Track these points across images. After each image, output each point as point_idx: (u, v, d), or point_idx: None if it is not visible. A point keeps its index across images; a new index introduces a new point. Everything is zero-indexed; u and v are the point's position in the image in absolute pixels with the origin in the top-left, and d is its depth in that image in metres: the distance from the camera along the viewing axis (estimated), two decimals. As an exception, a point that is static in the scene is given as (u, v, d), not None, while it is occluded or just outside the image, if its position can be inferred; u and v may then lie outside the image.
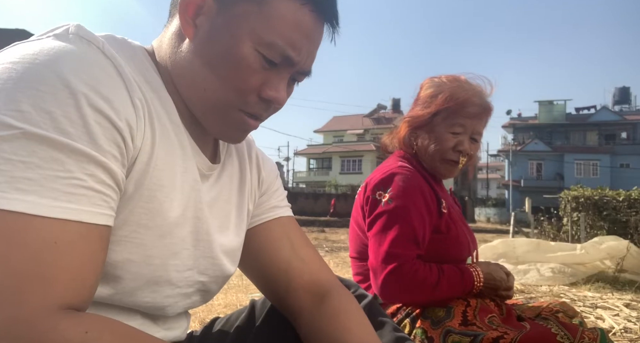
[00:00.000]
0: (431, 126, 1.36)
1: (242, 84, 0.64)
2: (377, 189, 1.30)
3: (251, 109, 0.67)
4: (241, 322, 0.86)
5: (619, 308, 3.02)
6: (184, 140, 0.67)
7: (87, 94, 0.52)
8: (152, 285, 0.64)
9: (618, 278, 4.19)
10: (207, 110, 0.67)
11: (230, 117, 0.67)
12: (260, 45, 0.62)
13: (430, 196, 1.30)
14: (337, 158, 42.55)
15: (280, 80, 0.66)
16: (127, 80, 0.57)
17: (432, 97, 1.36)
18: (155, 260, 0.62)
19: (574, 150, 37.82)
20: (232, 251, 0.77)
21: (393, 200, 1.25)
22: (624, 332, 2.46)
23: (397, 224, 1.23)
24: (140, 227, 0.60)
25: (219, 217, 0.74)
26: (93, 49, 0.56)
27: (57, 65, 0.52)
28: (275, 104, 0.67)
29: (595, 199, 8.73)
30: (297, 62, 0.65)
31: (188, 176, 0.66)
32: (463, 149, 1.35)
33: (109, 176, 0.54)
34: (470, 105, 1.32)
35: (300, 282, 0.79)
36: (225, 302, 3.07)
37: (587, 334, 1.08)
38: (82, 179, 0.51)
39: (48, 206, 0.48)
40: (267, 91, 0.65)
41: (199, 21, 0.64)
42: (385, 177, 1.30)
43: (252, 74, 0.64)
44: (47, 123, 0.49)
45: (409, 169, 1.32)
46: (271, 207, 0.85)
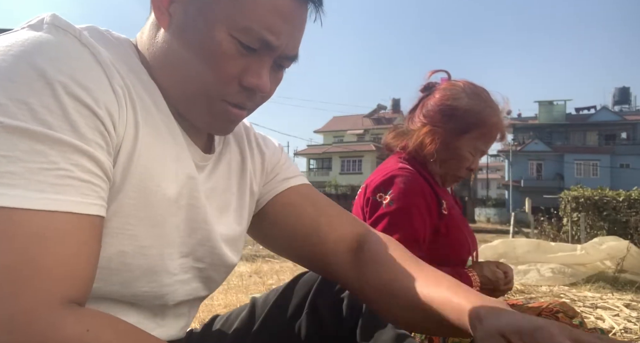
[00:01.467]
0: (456, 142, 1.34)
1: (219, 72, 0.62)
2: (377, 191, 1.29)
3: (233, 98, 0.65)
4: (242, 320, 0.86)
5: (619, 308, 3.02)
6: (175, 129, 0.66)
7: (63, 83, 0.51)
8: (149, 274, 0.63)
9: (618, 278, 4.19)
10: (189, 101, 0.65)
11: (212, 108, 0.65)
12: (235, 30, 0.60)
13: (430, 197, 1.30)
14: (337, 158, 42.54)
15: (261, 66, 0.64)
16: (106, 67, 0.56)
17: (464, 112, 1.32)
18: (150, 250, 0.62)
19: (574, 150, 37.80)
20: (232, 240, 0.76)
21: (394, 202, 1.25)
22: (624, 332, 2.46)
23: (398, 226, 1.22)
24: (130, 217, 0.59)
25: (217, 207, 0.73)
26: (69, 37, 0.55)
27: (31, 56, 0.51)
28: (259, 91, 0.65)
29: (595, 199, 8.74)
30: (277, 46, 0.62)
31: (182, 164, 0.65)
32: (474, 168, 1.38)
33: (95, 165, 0.52)
34: (496, 130, 1.35)
35: (335, 238, 0.79)
36: (225, 302, 3.07)
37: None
38: (68, 169, 0.50)
39: (35, 199, 0.47)
40: (247, 78, 0.63)
41: (173, 9, 0.62)
42: (386, 179, 1.30)
43: (229, 61, 0.61)
44: (26, 114, 0.48)
45: (409, 171, 1.32)
46: (282, 179, 0.84)
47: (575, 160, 37.10)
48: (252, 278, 4.08)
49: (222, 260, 0.74)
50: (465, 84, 1.38)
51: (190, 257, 0.69)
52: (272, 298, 0.85)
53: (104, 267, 0.57)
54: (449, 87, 1.39)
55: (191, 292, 0.72)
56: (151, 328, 0.67)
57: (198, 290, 0.73)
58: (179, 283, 0.68)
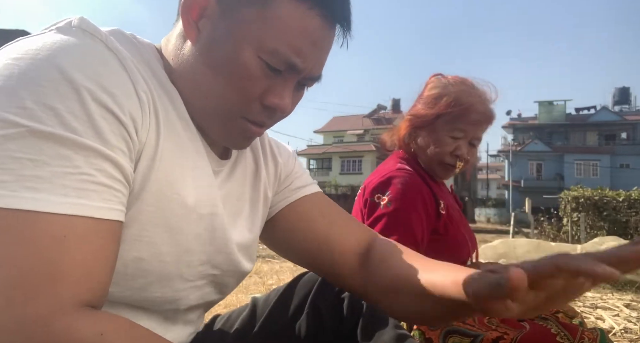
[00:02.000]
0: (432, 128, 1.36)
1: (243, 92, 0.62)
2: (375, 192, 1.30)
3: (254, 116, 0.65)
4: (242, 320, 0.86)
5: (619, 308, 3.02)
6: (194, 136, 0.66)
7: (90, 89, 0.51)
8: (163, 280, 0.63)
9: (618, 278, 4.17)
10: (208, 115, 0.65)
11: (232, 125, 0.66)
12: (262, 52, 0.60)
13: (428, 197, 1.30)
14: (337, 158, 42.52)
15: (284, 87, 0.64)
16: (132, 73, 0.56)
17: (436, 99, 1.35)
18: (167, 257, 0.62)
19: (574, 150, 37.79)
20: (245, 247, 0.76)
21: (392, 203, 1.25)
22: (624, 332, 2.46)
23: (396, 227, 1.22)
24: (148, 225, 0.59)
25: (231, 214, 0.74)
26: (96, 41, 0.55)
27: (59, 60, 0.51)
28: (279, 111, 0.65)
29: (595, 199, 8.74)
30: (302, 69, 0.63)
31: (201, 172, 0.65)
32: (461, 154, 1.36)
33: (117, 171, 0.53)
34: (474, 112, 1.33)
35: (343, 247, 0.80)
36: (225, 302, 3.07)
37: (587, 334, 1.08)
38: (91, 174, 0.50)
39: (58, 203, 0.47)
40: (270, 99, 0.63)
41: (202, 24, 0.62)
42: (384, 180, 1.30)
43: (254, 81, 0.62)
44: (52, 119, 0.49)
45: (407, 171, 1.32)
46: (295, 188, 0.85)
47: (575, 160, 37.09)
48: (252, 278, 4.08)
49: (236, 266, 0.74)
50: (448, 77, 1.41)
51: (208, 264, 0.69)
52: (272, 298, 0.85)
53: (119, 273, 0.57)
54: (431, 80, 1.43)
55: (203, 297, 0.72)
56: (160, 333, 0.67)
57: (210, 295, 0.74)
58: (192, 288, 0.69)
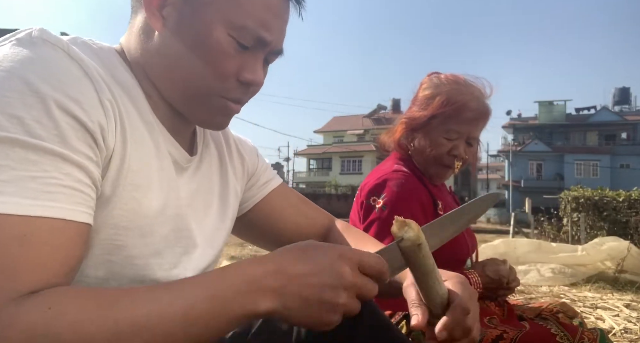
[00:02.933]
0: (427, 129, 1.34)
1: (219, 71, 0.64)
2: (371, 195, 1.29)
3: (232, 94, 0.67)
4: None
5: (619, 308, 3.02)
6: (158, 138, 0.67)
7: (55, 98, 0.52)
8: (136, 283, 0.63)
9: (618, 278, 4.19)
10: (188, 100, 0.67)
11: (212, 104, 0.68)
12: (232, 29, 0.63)
13: (425, 199, 1.29)
14: (337, 158, 42.54)
15: (255, 62, 0.67)
16: (96, 81, 0.57)
17: (429, 99, 1.34)
18: (136, 260, 0.63)
19: (574, 150, 37.80)
20: (214, 239, 0.78)
21: (387, 207, 1.24)
22: (624, 333, 2.46)
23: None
24: (119, 228, 0.60)
25: (201, 208, 0.75)
26: (58, 51, 0.56)
27: (22, 71, 0.52)
28: (254, 85, 0.68)
29: (596, 200, 8.74)
30: (270, 41, 0.66)
31: (164, 174, 0.67)
32: (458, 154, 1.34)
33: (85, 175, 0.54)
34: (467, 111, 1.30)
35: (311, 232, 0.92)
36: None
37: (587, 335, 1.08)
38: (58, 178, 0.51)
39: (24, 204, 0.48)
40: (244, 75, 0.66)
41: (166, 12, 0.64)
42: (379, 183, 1.30)
43: (228, 59, 0.64)
44: (17, 127, 0.50)
45: (404, 173, 1.31)
46: (263, 183, 0.92)
47: (575, 161, 37.09)
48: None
49: (206, 262, 0.75)
50: (440, 75, 1.39)
51: (181, 266, 0.70)
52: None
53: (91, 276, 0.58)
54: (425, 81, 1.41)
55: None
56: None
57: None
58: None
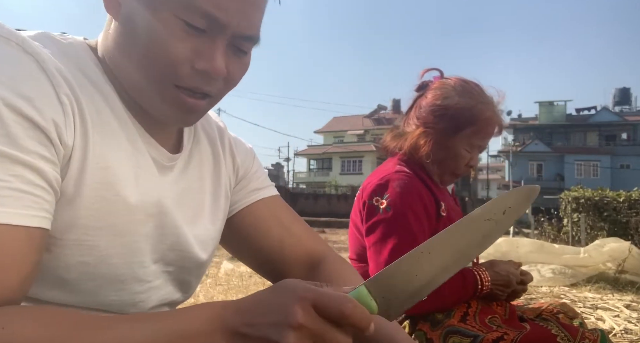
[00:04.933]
0: (450, 141, 1.33)
1: (167, 55, 0.58)
2: (374, 195, 1.28)
3: (186, 82, 0.60)
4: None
5: (619, 309, 3.02)
6: (133, 134, 0.64)
7: (3, 95, 0.50)
8: (116, 283, 0.63)
9: (618, 279, 4.18)
10: (143, 91, 0.62)
11: (166, 95, 0.61)
12: (178, 9, 0.57)
13: (428, 199, 1.29)
14: (338, 158, 42.56)
15: (213, 48, 0.59)
16: (52, 76, 0.54)
17: (456, 111, 1.31)
18: (114, 259, 0.61)
19: (574, 151, 37.81)
20: (206, 240, 0.76)
21: (391, 208, 1.24)
22: (624, 333, 2.46)
23: (396, 232, 1.21)
24: (89, 229, 0.58)
25: (190, 208, 0.73)
26: (11, 45, 0.53)
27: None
28: (213, 74, 0.60)
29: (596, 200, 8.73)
30: (226, 23, 0.58)
31: (142, 171, 0.64)
32: (473, 164, 1.37)
33: (38, 176, 0.51)
34: (491, 126, 1.33)
35: (295, 256, 0.80)
36: (225, 302, 3.07)
37: (588, 335, 1.08)
38: (7, 181, 0.48)
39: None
40: (199, 62, 0.59)
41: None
42: (382, 183, 1.29)
43: (177, 42, 0.58)
44: None
45: (406, 174, 1.31)
46: (252, 190, 0.84)
47: (576, 161, 37.10)
48: (252, 278, 4.08)
49: (192, 261, 0.73)
50: (456, 82, 1.37)
51: (161, 262, 0.69)
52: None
53: (62, 278, 0.57)
54: (440, 86, 1.37)
55: (165, 296, 0.72)
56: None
57: (172, 294, 0.73)
58: (152, 290, 0.68)
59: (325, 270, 0.77)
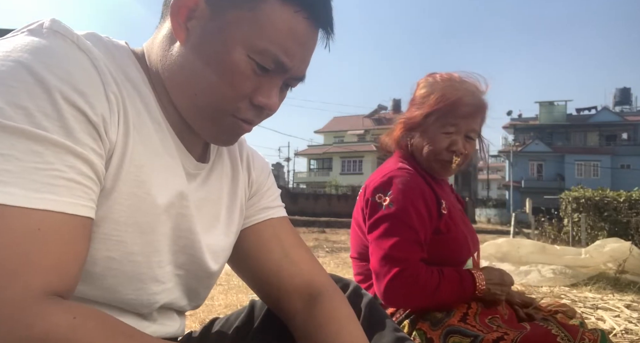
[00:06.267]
0: (425, 127, 1.35)
1: (233, 90, 0.64)
2: (377, 192, 1.29)
3: (243, 114, 0.67)
4: (240, 322, 0.86)
5: (619, 309, 3.02)
6: (167, 138, 0.67)
7: (61, 89, 0.52)
8: (135, 282, 0.64)
9: (619, 279, 4.18)
10: (198, 114, 0.67)
11: (222, 122, 0.67)
12: (252, 51, 0.62)
13: (430, 197, 1.29)
14: (338, 158, 42.55)
15: (272, 86, 0.66)
16: (102, 73, 0.57)
17: (424, 98, 1.36)
18: (137, 257, 0.63)
19: (575, 151, 37.77)
20: (217, 251, 0.76)
21: (394, 204, 1.24)
22: (624, 333, 2.46)
23: (399, 228, 1.22)
24: (119, 224, 0.60)
25: (207, 217, 0.74)
26: (67, 42, 0.56)
27: (29, 61, 0.52)
28: (267, 110, 0.67)
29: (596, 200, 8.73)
30: (289, 68, 0.65)
31: (172, 173, 0.66)
32: (457, 149, 1.33)
33: (89, 168, 0.54)
34: (462, 105, 1.31)
35: (292, 284, 0.79)
36: (225, 302, 3.07)
37: (588, 335, 1.08)
38: (62, 171, 0.51)
39: (29, 197, 0.48)
40: (258, 98, 0.65)
41: (191, 25, 0.63)
42: (385, 180, 1.30)
43: (244, 80, 0.63)
44: (23, 118, 0.49)
45: (408, 171, 1.31)
46: (262, 208, 0.84)
47: (576, 161, 37.07)
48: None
49: (201, 269, 0.74)
50: (434, 75, 1.41)
51: (173, 264, 0.70)
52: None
53: (89, 271, 0.58)
54: (421, 81, 1.43)
55: (174, 301, 0.73)
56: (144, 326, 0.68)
57: (180, 300, 0.74)
58: (166, 292, 0.69)
59: (322, 309, 0.74)
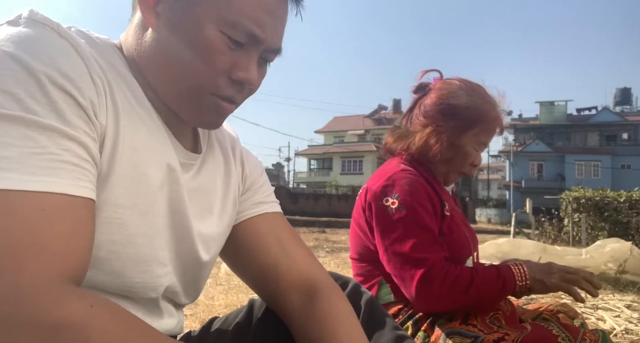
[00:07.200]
0: (460, 140, 1.33)
1: (210, 67, 0.63)
2: (383, 196, 1.26)
3: (223, 91, 0.66)
4: (239, 321, 0.86)
5: (620, 309, 3.01)
6: (156, 124, 0.67)
7: (47, 73, 0.52)
8: (140, 264, 0.64)
9: (619, 279, 4.18)
10: (180, 97, 0.67)
11: (203, 102, 0.67)
12: (223, 26, 0.62)
13: (434, 198, 1.29)
14: (338, 158, 42.55)
15: (249, 60, 0.66)
16: (86, 59, 0.57)
17: (465, 110, 1.32)
18: (138, 238, 0.63)
19: (575, 151, 37.77)
20: (209, 240, 0.76)
21: (404, 207, 1.22)
22: (625, 333, 2.45)
23: (414, 229, 1.20)
24: (119, 207, 0.60)
25: (199, 207, 0.74)
26: (47, 30, 0.56)
27: (12, 49, 0.52)
28: (248, 84, 0.67)
29: (596, 200, 8.73)
30: (263, 39, 0.65)
31: (163, 155, 0.66)
32: (477, 163, 1.38)
33: (84, 150, 0.54)
34: (497, 124, 1.35)
35: (290, 280, 0.78)
36: (225, 302, 3.07)
37: (589, 336, 1.08)
38: (57, 154, 0.51)
39: (30, 181, 0.48)
40: (237, 72, 0.65)
41: (160, 9, 0.64)
42: (390, 183, 1.27)
43: (219, 56, 0.63)
44: (13, 104, 0.50)
45: (411, 172, 1.30)
46: (256, 202, 0.84)
47: (576, 161, 37.07)
48: (252, 278, 4.07)
49: (192, 258, 0.74)
50: (460, 82, 1.38)
51: (168, 249, 0.69)
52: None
53: (93, 255, 0.57)
54: (445, 85, 1.38)
55: (172, 286, 0.72)
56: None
57: (175, 286, 0.73)
58: (169, 275, 0.70)
59: (321, 305, 0.74)
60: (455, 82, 1.38)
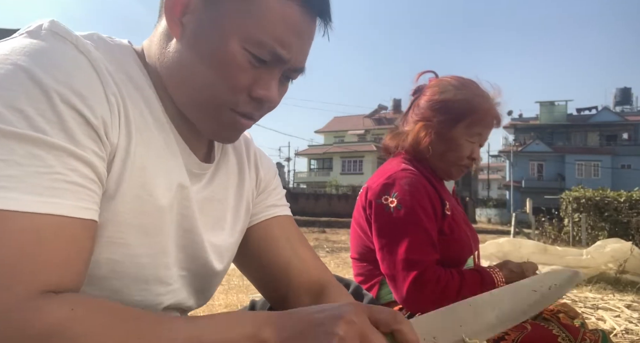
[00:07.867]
0: (451, 133, 1.35)
1: (231, 84, 0.63)
2: (382, 194, 1.27)
3: (242, 108, 0.65)
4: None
5: (620, 309, 3.02)
6: (169, 139, 0.66)
7: (59, 91, 0.52)
8: (140, 283, 0.63)
9: (619, 279, 4.18)
10: (198, 110, 0.66)
11: (221, 117, 0.66)
12: (248, 43, 0.61)
13: (434, 198, 1.29)
14: (338, 158, 42.55)
15: (271, 78, 0.65)
16: (102, 75, 0.57)
17: (454, 103, 1.34)
18: (142, 259, 0.62)
19: (575, 150, 37.77)
20: (222, 251, 0.76)
21: (402, 206, 1.23)
22: (625, 333, 2.46)
23: (411, 230, 1.21)
24: (122, 226, 0.59)
25: (211, 217, 0.74)
26: (66, 44, 0.56)
27: (27, 64, 0.51)
28: (267, 102, 0.66)
29: (597, 200, 8.74)
30: (287, 59, 0.64)
31: (174, 174, 0.66)
32: (475, 156, 1.38)
33: (90, 171, 0.53)
34: (491, 116, 1.35)
35: (300, 281, 0.80)
36: (226, 302, 3.07)
37: (589, 336, 1.08)
38: (63, 174, 0.51)
39: (30, 201, 0.48)
40: (257, 90, 0.64)
41: (186, 20, 0.63)
42: (389, 182, 1.28)
43: (241, 72, 0.62)
44: (22, 122, 0.49)
45: (412, 172, 1.31)
46: (269, 205, 0.85)
47: (577, 161, 37.07)
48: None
49: (205, 269, 0.74)
50: (452, 78, 1.41)
51: (177, 266, 0.69)
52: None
53: (92, 273, 0.57)
54: (437, 83, 1.41)
55: (181, 302, 0.72)
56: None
57: (186, 300, 0.73)
58: (172, 293, 0.69)
59: (331, 293, 0.77)
60: (446, 79, 1.41)
